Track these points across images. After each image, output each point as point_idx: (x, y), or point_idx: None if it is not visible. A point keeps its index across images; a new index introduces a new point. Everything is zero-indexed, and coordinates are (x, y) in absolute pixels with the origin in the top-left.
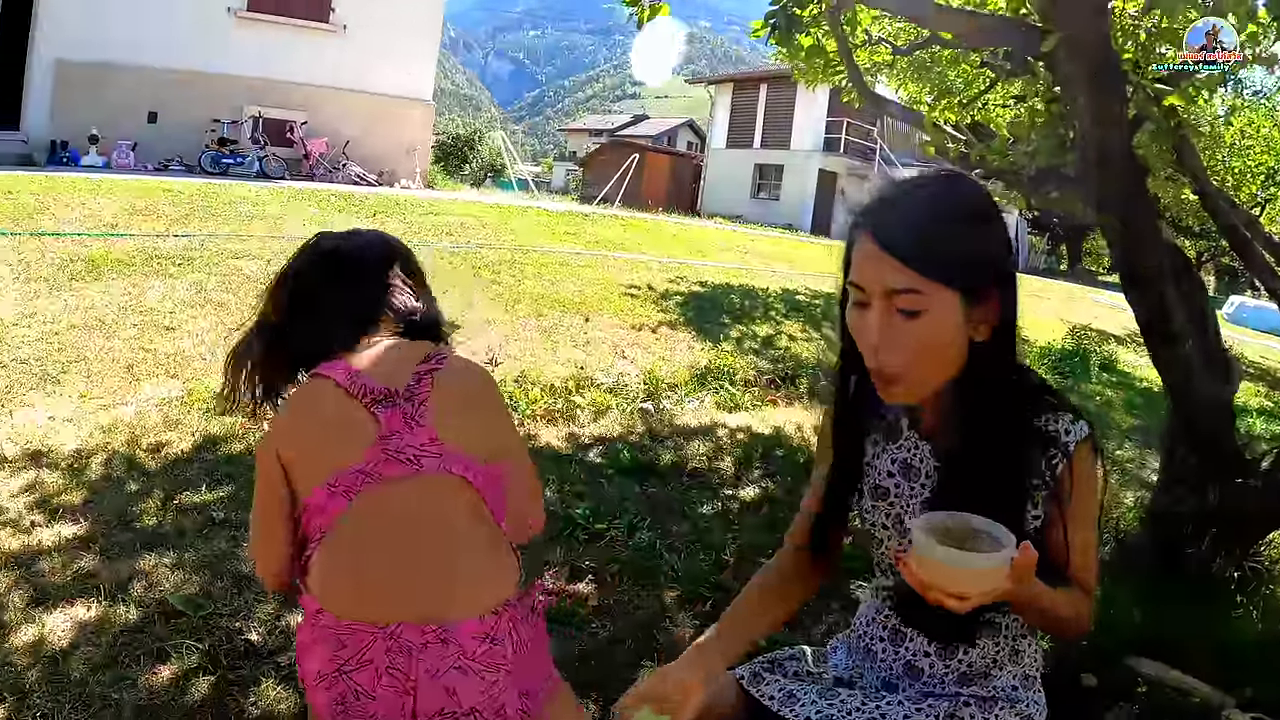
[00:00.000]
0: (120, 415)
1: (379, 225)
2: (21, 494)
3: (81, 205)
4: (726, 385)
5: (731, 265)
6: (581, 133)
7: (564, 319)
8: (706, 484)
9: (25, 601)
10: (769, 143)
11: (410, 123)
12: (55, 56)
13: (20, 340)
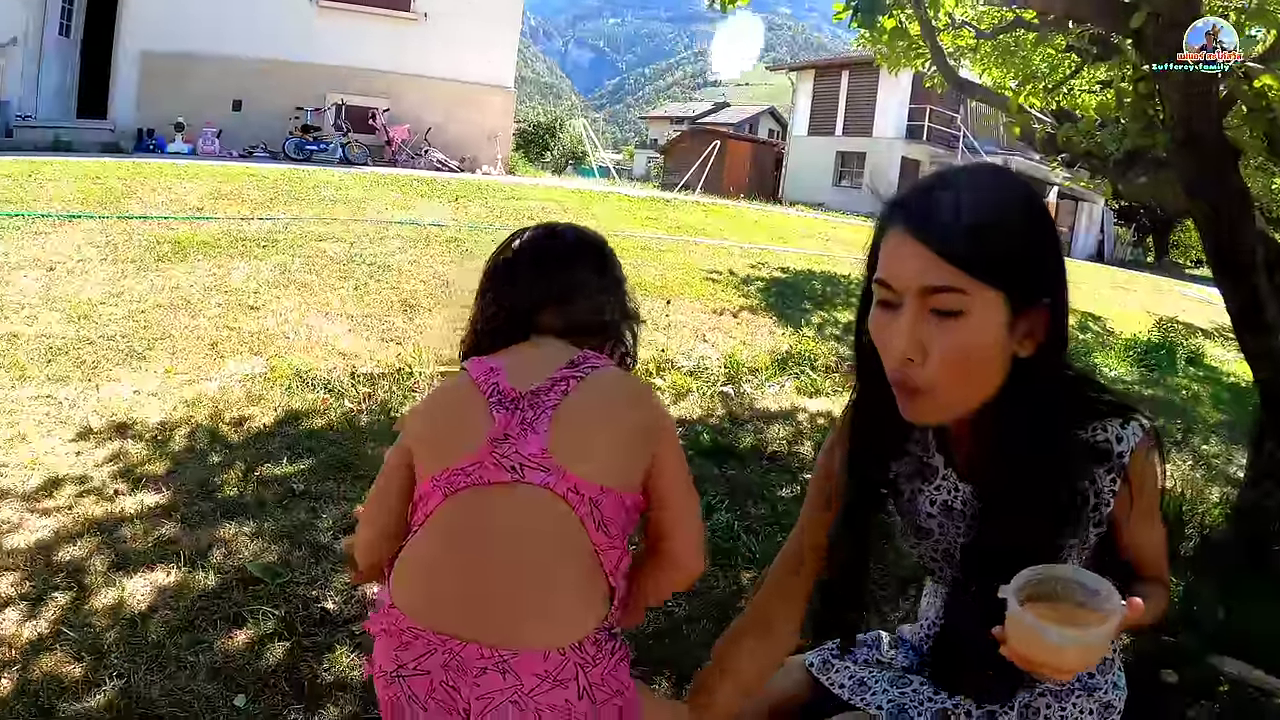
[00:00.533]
0: (204, 390)
1: (460, 209)
2: (106, 464)
3: (168, 190)
4: (807, 370)
5: (813, 252)
6: (662, 120)
7: (645, 302)
8: (786, 467)
9: (107, 566)
10: (851, 130)
11: (491, 110)
12: (141, 48)
13: (108, 318)
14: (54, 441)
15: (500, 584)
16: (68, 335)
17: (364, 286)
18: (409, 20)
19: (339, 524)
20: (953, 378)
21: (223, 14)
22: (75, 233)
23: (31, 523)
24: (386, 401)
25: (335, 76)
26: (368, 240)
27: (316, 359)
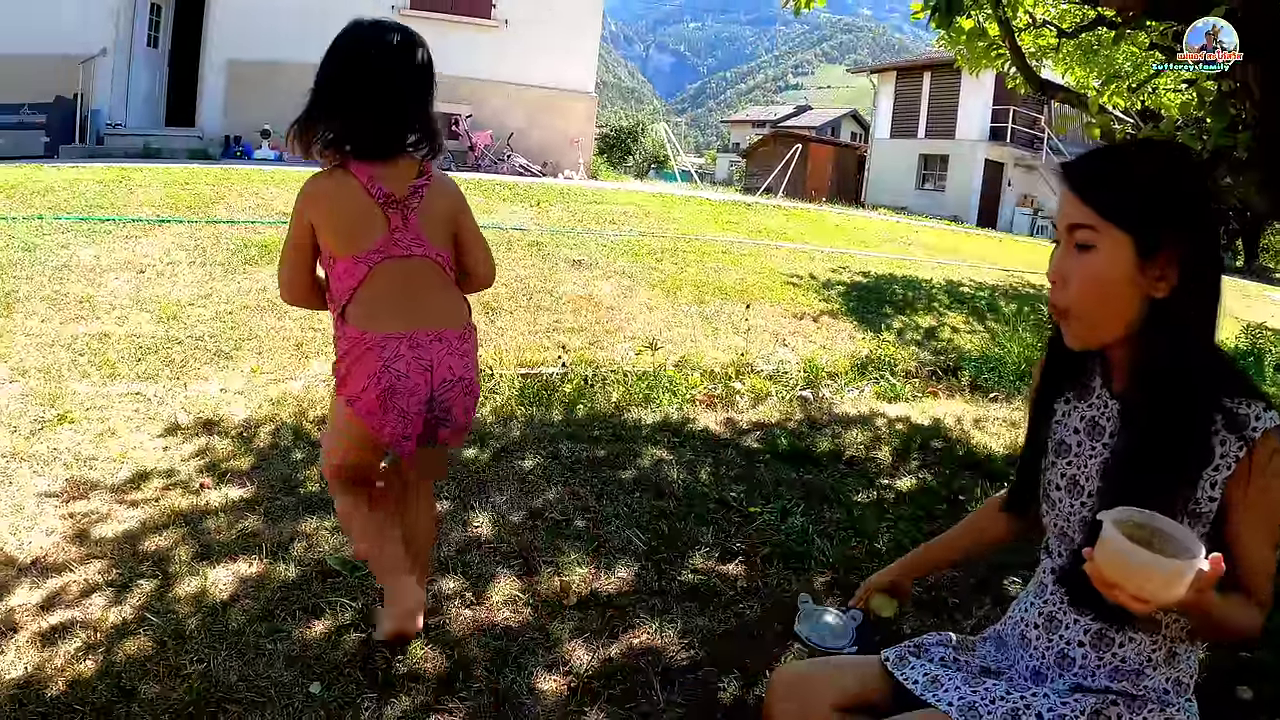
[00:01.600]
0: (288, 389)
1: (544, 214)
2: (192, 458)
3: (254, 195)
4: (887, 375)
5: (894, 256)
6: (744, 124)
7: (725, 306)
8: (863, 473)
9: (191, 556)
10: (933, 132)
11: (573, 115)
12: (227, 57)
13: (196, 319)
14: (142, 437)
15: (424, 303)
16: (157, 335)
17: None
18: (490, 27)
19: None
20: (1088, 304)
21: (307, 22)
22: (165, 237)
23: (119, 514)
24: None
25: None
26: None
27: None
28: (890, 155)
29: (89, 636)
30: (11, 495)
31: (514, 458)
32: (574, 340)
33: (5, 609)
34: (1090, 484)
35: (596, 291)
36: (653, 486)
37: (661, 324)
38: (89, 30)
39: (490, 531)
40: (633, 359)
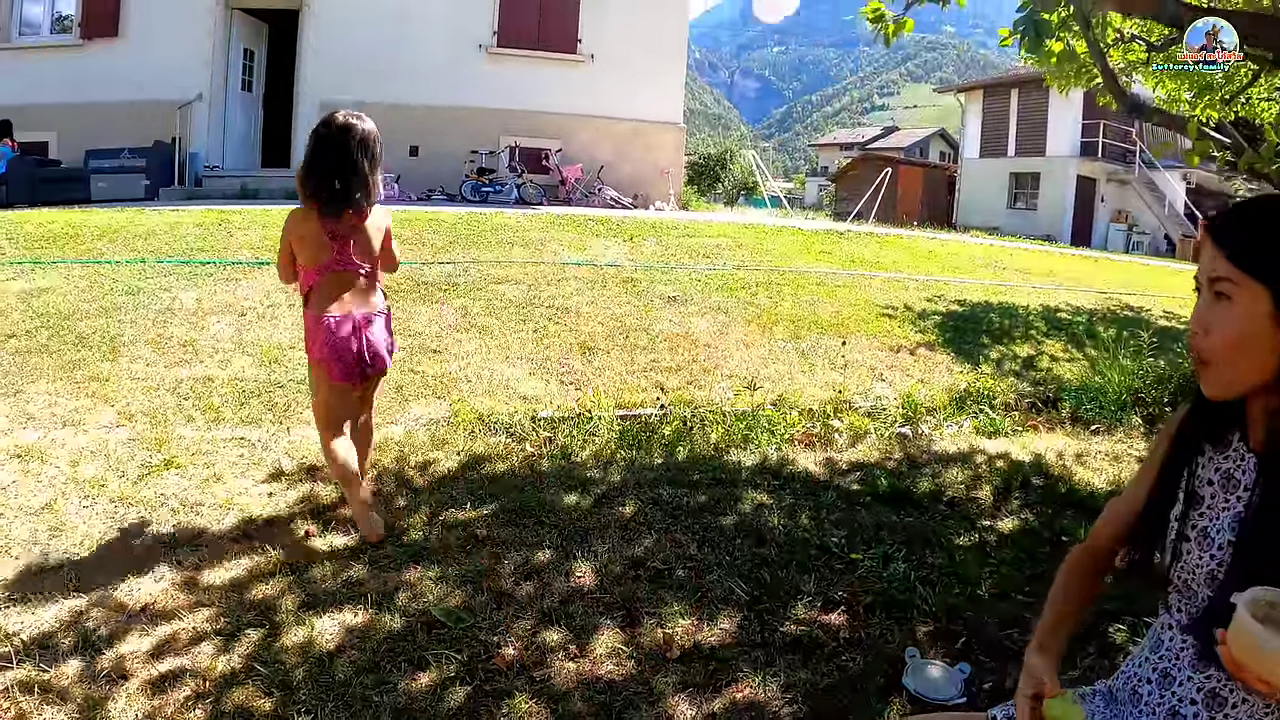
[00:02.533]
0: (390, 434)
1: (637, 249)
2: (297, 504)
3: None
4: (986, 409)
5: (989, 282)
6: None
7: (821, 340)
8: (964, 514)
9: (297, 605)
10: (1023, 150)
11: (662, 145)
12: (320, 99)
13: (298, 362)
14: (247, 482)
15: (359, 298)
16: (259, 379)
17: (543, 329)
18: (576, 62)
19: (521, 570)
20: (1227, 354)
21: (397, 63)
22: (264, 279)
23: (227, 561)
24: (567, 446)
25: (508, 119)
26: (545, 282)
27: (498, 403)
28: (980, 175)
29: (198, 685)
30: (121, 541)
31: (615, 504)
32: (671, 380)
33: (116, 656)
34: (1221, 537)
35: (693, 328)
36: (754, 533)
37: (758, 361)
38: (186, 76)
39: (592, 581)
40: (731, 399)
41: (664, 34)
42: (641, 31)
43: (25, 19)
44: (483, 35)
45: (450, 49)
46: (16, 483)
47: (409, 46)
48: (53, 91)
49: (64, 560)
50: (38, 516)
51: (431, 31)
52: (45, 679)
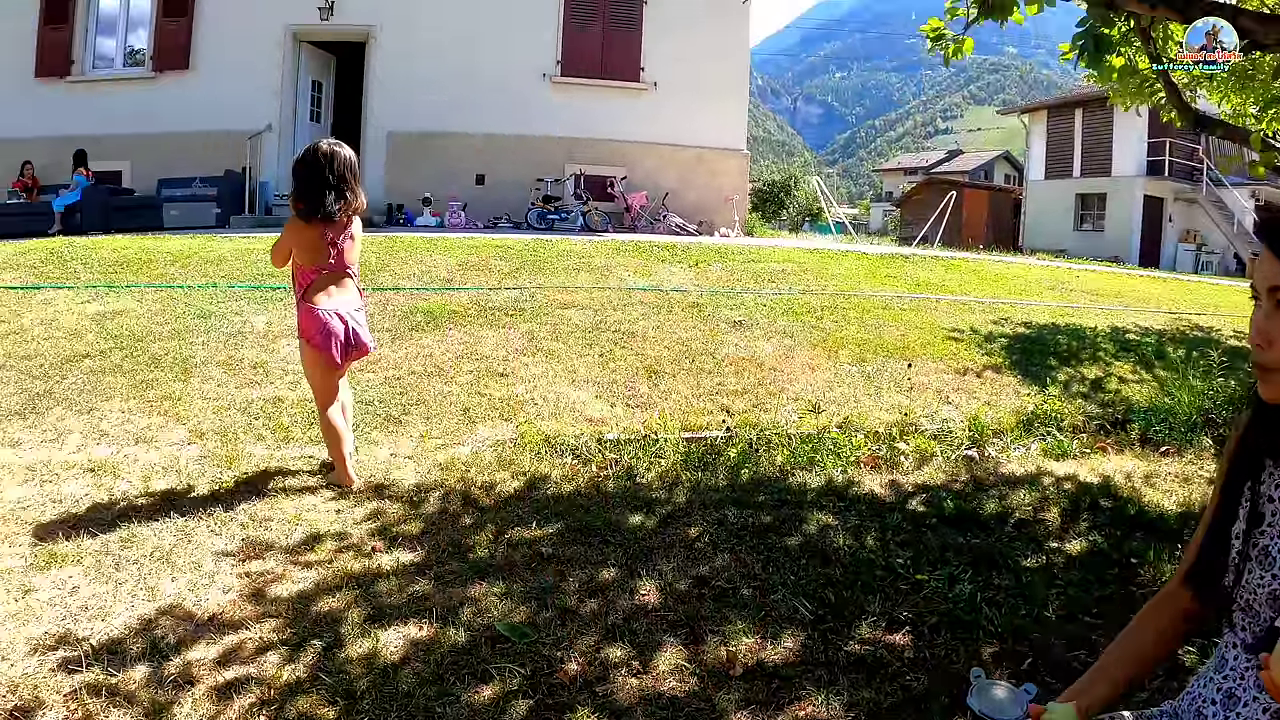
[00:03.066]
0: (457, 454)
1: (702, 274)
2: (365, 521)
3: (419, 262)
4: (1053, 431)
5: (1056, 304)
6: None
7: (887, 364)
8: (1031, 535)
9: (363, 618)
10: (1089, 170)
11: (726, 172)
12: (388, 129)
13: (366, 384)
14: (316, 499)
15: (345, 293)
16: None
17: (609, 353)
18: (639, 90)
19: (586, 587)
20: None
21: (463, 94)
22: None
23: (294, 574)
24: (632, 467)
25: (572, 147)
26: (611, 307)
27: (564, 425)
28: (1046, 196)
29: (263, 693)
30: (190, 553)
31: (680, 524)
32: (737, 403)
33: (183, 662)
34: None
35: (758, 352)
36: (819, 553)
37: (824, 384)
38: (255, 107)
39: (656, 599)
40: (796, 422)
41: (726, 61)
42: (704, 59)
43: (99, 52)
44: (547, 65)
45: (515, 78)
46: (90, 495)
47: (474, 77)
48: (126, 122)
49: (133, 570)
50: (110, 528)
51: (496, 61)
52: (113, 683)
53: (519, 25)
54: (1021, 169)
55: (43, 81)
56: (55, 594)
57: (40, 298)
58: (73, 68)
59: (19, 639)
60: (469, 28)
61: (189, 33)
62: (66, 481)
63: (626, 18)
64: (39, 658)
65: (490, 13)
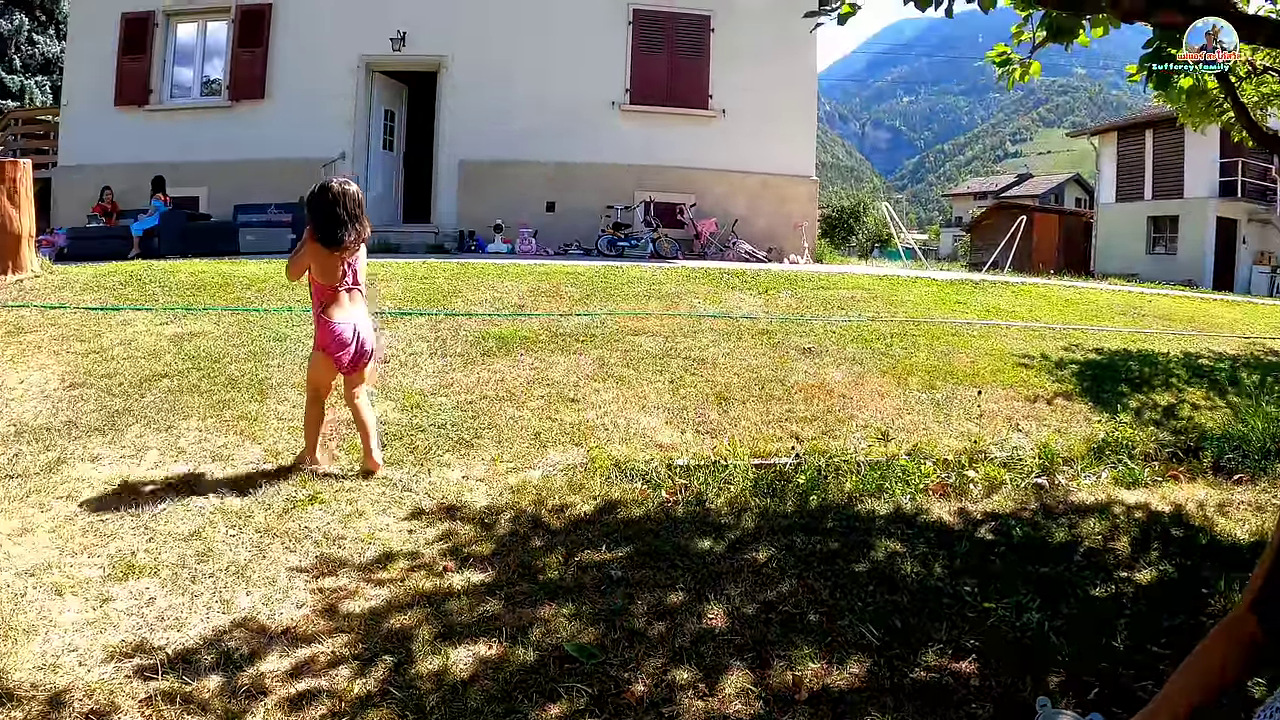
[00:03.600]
0: (527, 477)
1: (772, 301)
2: (436, 542)
3: (489, 288)
4: (1124, 459)
5: (1128, 330)
6: (965, 197)
7: (957, 391)
8: (1100, 564)
9: (433, 635)
10: (1160, 192)
11: (795, 198)
12: (459, 157)
13: (438, 408)
14: (388, 519)
15: (356, 308)
16: (402, 422)
17: (679, 379)
18: (708, 118)
19: (654, 610)
20: None
21: (533, 122)
22: (407, 328)
23: (366, 591)
24: (702, 493)
25: (642, 174)
26: (681, 334)
27: (634, 450)
28: (1117, 220)
29: (333, 705)
30: (265, 568)
31: (748, 549)
32: (806, 430)
33: (256, 673)
34: None
35: (827, 379)
36: (886, 580)
37: (893, 411)
38: (329, 136)
39: (724, 623)
40: (865, 449)
41: (793, 87)
42: (771, 85)
43: (176, 82)
44: (615, 93)
45: (585, 107)
46: (167, 510)
47: (544, 105)
48: (203, 150)
49: (209, 583)
50: (186, 542)
51: (566, 90)
52: (187, 691)
53: (588, 54)
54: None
55: (122, 110)
56: (132, 604)
57: (120, 319)
58: (151, 97)
59: (96, 646)
60: (539, 57)
61: (264, 63)
62: (144, 496)
63: (694, 45)
64: (115, 664)
65: (560, 42)
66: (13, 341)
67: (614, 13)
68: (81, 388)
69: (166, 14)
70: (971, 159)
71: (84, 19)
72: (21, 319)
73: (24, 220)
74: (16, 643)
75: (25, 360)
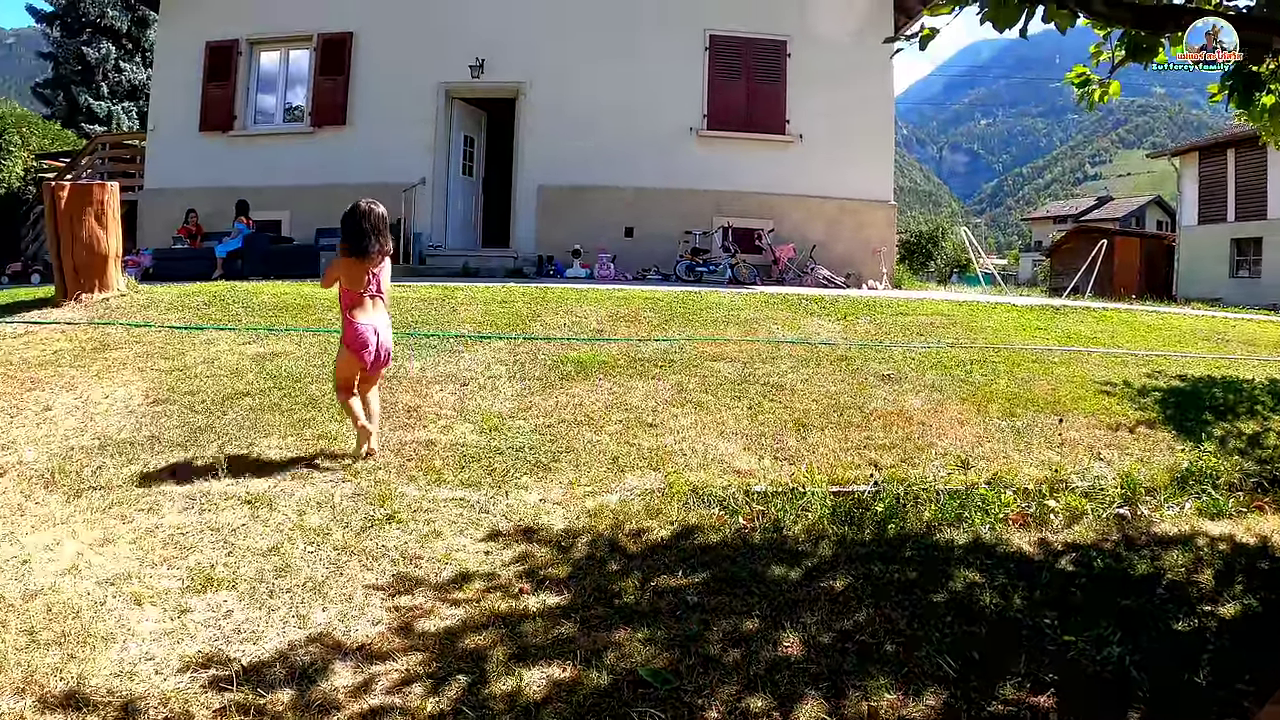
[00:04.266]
0: (605, 501)
1: (850, 327)
2: (512, 564)
3: (568, 313)
4: (1209, 489)
5: (1211, 356)
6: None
7: (1037, 419)
8: (1183, 597)
9: (507, 656)
10: (1244, 214)
11: (874, 223)
12: (538, 183)
13: (516, 431)
14: (465, 540)
15: (378, 312)
16: (479, 444)
17: (757, 405)
18: (785, 143)
19: (729, 637)
20: None
21: (610, 148)
22: (485, 351)
23: (442, 611)
24: (779, 520)
25: (719, 200)
26: (760, 360)
27: (711, 476)
28: (1199, 243)
29: None
30: (342, 586)
31: (825, 577)
32: (885, 457)
33: (329, 688)
34: None
35: (906, 406)
36: (964, 611)
37: (972, 439)
38: (410, 162)
39: (800, 651)
40: (945, 477)
41: (871, 111)
42: (848, 110)
43: (259, 108)
44: (693, 119)
45: (662, 132)
46: (246, 525)
47: (622, 131)
48: (286, 174)
49: (286, 598)
50: (264, 557)
51: (643, 116)
52: (260, 703)
53: (665, 80)
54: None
55: (206, 135)
56: (209, 615)
57: (203, 338)
58: (235, 122)
59: (173, 656)
60: (616, 83)
61: (345, 90)
62: (224, 510)
63: (770, 71)
64: (190, 675)
65: (637, 68)
66: (99, 358)
67: (691, 39)
68: (165, 404)
69: (250, 43)
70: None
71: (170, 47)
72: (108, 336)
73: (111, 241)
74: (95, 649)
75: (110, 376)
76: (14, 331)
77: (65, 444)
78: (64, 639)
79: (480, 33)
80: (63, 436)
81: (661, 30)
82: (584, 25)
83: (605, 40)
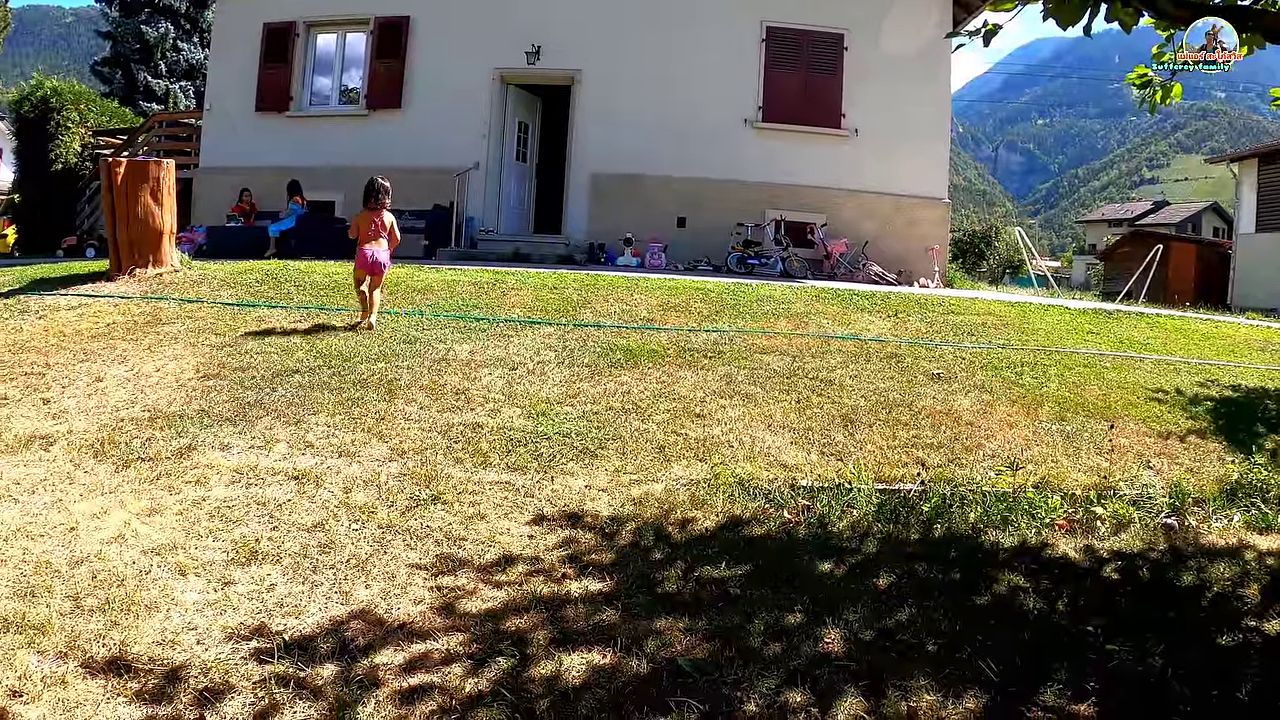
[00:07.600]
0: (650, 490)
1: (901, 325)
2: (556, 548)
3: (619, 301)
4: (1258, 503)
5: (1266, 367)
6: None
7: (1087, 424)
8: (1228, 611)
9: (548, 640)
10: None
11: (927, 221)
12: (591, 171)
13: (564, 417)
14: (510, 523)
15: (379, 245)
16: (526, 429)
17: (806, 400)
18: (840, 137)
19: (770, 630)
20: None
21: (665, 137)
22: (535, 337)
23: (484, 592)
24: (825, 515)
25: (773, 193)
26: (809, 354)
27: (758, 469)
28: (1258, 250)
29: (444, 701)
30: (385, 564)
31: (869, 575)
32: (933, 457)
33: (370, 664)
34: None
35: (955, 406)
36: (1007, 614)
37: (1021, 442)
38: (463, 146)
39: (840, 648)
40: (992, 479)
41: (927, 108)
42: (905, 105)
43: (315, 90)
44: (748, 110)
45: (716, 123)
46: (292, 501)
47: (676, 121)
48: (340, 156)
49: (329, 574)
50: (309, 533)
51: (698, 107)
52: (301, 676)
53: (720, 70)
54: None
55: (262, 116)
56: (253, 589)
57: (255, 315)
58: (290, 104)
59: (215, 626)
60: (671, 73)
61: (401, 74)
62: (270, 486)
63: (827, 64)
64: (232, 645)
65: (692, 58)
66: (151, 332)
67: (747, 30)
68: (215, 379)
69: (307, 25)
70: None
71: (227, 28)
72: (160, 311)
73: (166, 217)
74: (139, 617)
75: (162, 350)
76: (68, 304)
77: (115, 415)
78: (108, 606)
79: (537, 19)
80: (113, 408)
81: (718, 20)
82: (640, 13)
83: (661, 29)
